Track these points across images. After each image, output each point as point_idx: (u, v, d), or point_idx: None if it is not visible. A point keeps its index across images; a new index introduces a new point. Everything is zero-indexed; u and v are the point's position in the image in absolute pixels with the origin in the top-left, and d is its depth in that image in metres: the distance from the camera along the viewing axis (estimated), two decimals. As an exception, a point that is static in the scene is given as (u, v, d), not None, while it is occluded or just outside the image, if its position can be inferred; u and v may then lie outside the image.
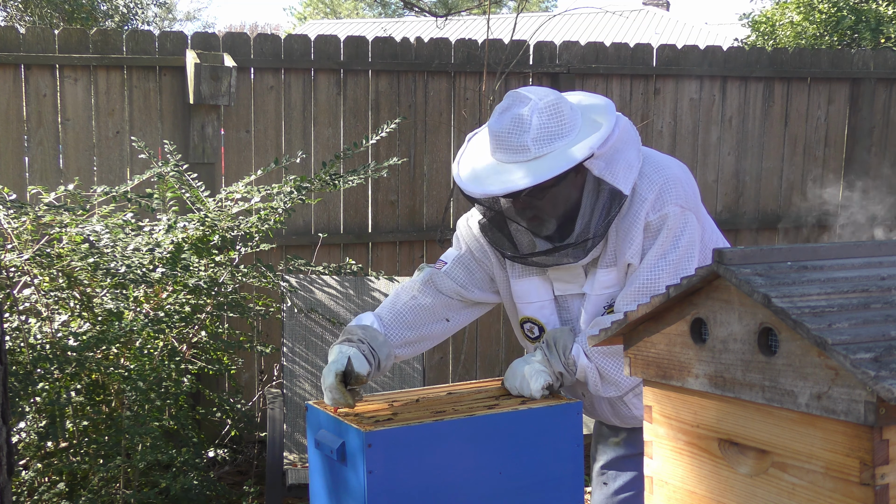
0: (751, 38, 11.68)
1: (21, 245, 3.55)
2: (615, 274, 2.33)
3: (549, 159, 2.21)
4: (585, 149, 2.19)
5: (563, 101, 2.26)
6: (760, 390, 1.31)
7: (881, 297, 1.30)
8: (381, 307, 2.52)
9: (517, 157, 2.23)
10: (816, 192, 5.98)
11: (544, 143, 2.22)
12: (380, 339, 2.40)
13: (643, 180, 2.29)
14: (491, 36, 5.19)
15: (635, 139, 2.32)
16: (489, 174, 2.26)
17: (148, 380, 3.46)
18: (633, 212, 2.28)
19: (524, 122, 2.22)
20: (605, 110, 2.30)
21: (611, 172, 2.24)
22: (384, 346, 2.40)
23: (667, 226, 2.26)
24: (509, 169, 2.23)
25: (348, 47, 5.00)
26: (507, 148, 2.24)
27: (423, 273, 2.54)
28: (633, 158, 2.28)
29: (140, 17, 19.09)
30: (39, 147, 4.56)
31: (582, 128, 2.26)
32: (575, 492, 2.25)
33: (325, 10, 33.42)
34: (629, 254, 2.28)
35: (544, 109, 2.23)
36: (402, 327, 2.47)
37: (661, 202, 2.27)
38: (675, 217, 2.26)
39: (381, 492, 2.04)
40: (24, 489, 3.49)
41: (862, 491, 1.21)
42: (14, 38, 4.49)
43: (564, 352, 2.30)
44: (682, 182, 2.32)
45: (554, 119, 2.23)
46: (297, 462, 3.81)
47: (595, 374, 2.30)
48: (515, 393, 2.34)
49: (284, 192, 3.94)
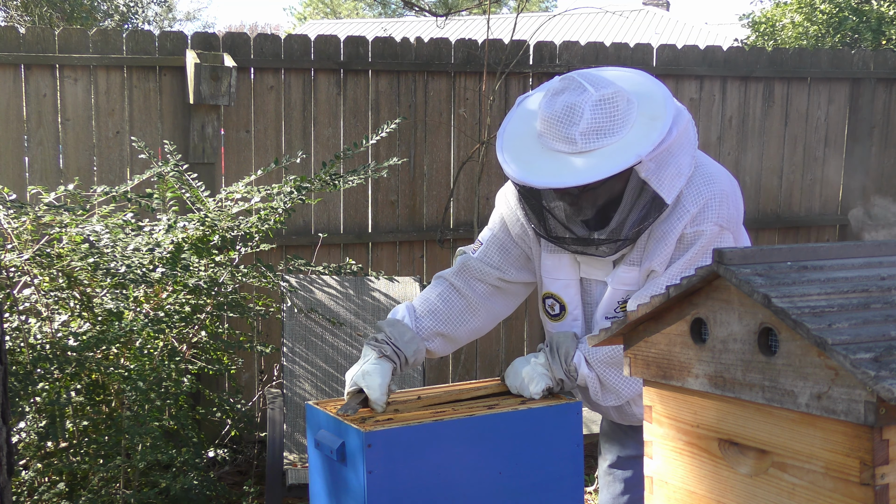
0: (751, 39, 11.68)
1: (21, 245, 3.55)
2: (636, 274, 2.28)
3: (595, 157, 2.13)
4: (633, 155, 2.11)
5: (619, 95, 2.17)
6: (760, 390, 1.31)
7: (881, 297, 1.30)
8: (416, 298, 2.48)
9: (562, 146, 2.16)
10: (816, 192, 5.98)
11: (593, 138, 2.14)
12: (407, 335, 2.36)
13: (690, 190, 2.21)
14: (491, 36, 5.19)
15: (692, 143, 2.23)
16: (530, 160, 2.20)
17: (148, 380, 3.46)
18: (671, 220, 2.21)
19: (575, 113, 2.14)
20: (663, 106, 2.19)
21: (657, 178, 2.16)
22: (412, 342, 2.36)
23: (700, 242, 2.20)
24: (552, 157, 2.17)
25: (348, 47, 5.00)
26: (553, 135, 2.17)
27: (458, 260, 2.50)
28: (685, 165, 2.19)
29: (140, 16, 19.09)
30: (39, 147, 4.56)
31: (636, 124, 2.16)
32: (575, 492, 2.25)
33: (325, 10, 33.42)
34: (656, 261, 2.24)
35: (598, 103, 2.14)
36: (434, 320, 2.43)
37: (702, 217, 2.20)
38: (711, 235, 2.20)
39: (381, 492, 2.04)
40: (24, 489, 3.49)
41: (862, 491, 1.21)
42: (14, 38, 4.49)
43: (566, 359, 2.28)
44: (728, 200, 2.25)
45: (607, 114, 2.14)
46: (297, 462, 3.81)
47: (596, 382, 2.28)
48: (515, 392, 2.33)
49: (284, 192, 3.94)
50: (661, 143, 2.13)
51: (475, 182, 5.22)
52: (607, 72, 2.33)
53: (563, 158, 2.16)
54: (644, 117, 2.17)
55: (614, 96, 2.16)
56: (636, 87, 2.26)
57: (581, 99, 2.15)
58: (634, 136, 2.15)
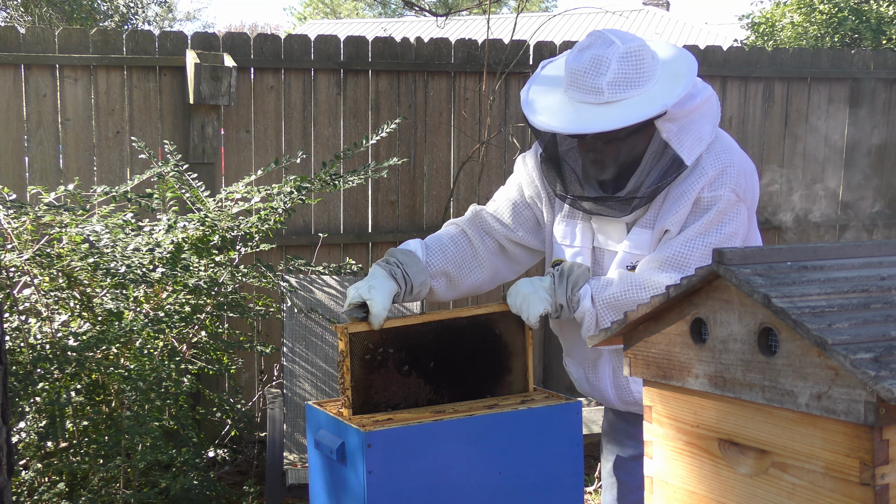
0: (750, 39, 11.68)
1: (21, 245, 3.55)
2: (649, 236, 2.29)
3: (621, 107, 2.18)
4: (659, 105, 2.16)
5: (645, 49, 2.22)
6: (760, 390, 1.31)
7: (881, 297, 1.30)
8: (428, 237, 2.52)
9: (589, 97, 2.21)
10: (816, 192, 5.98)
11: (619, 89, 2.19)
12: (418, 265, 2.39)
13: (710, 155, 2.25)
14: (491, 36, 5.19)
15: (715, 114, 2.29)
16: (557, 110, 2.25)
17: (148, 380, 3.46)
18: (689, 181, 2.24)
19: (602, 64, 2.19)
20: (686, 69, 2.25)
21: (679, 139, 2.21)
22: (420, 273, 2.39)
23: (717, 207, 2.22)
24: (579, 109, 2.21)
25: (348, 47, 5.00)
26: (580, 87, 2.22)
27: (470, 210, 2.55)
28: (706, 132, 2.24)
29: (140, 16, 19.09)
30: (39, 147, 4.56)
31: (660, 80, 2.22)
32: (575, 492, 2.25)
33: (325, 10, 33.42)
34: (670, 221, 2.24)
35: (626, 55, 2.19)
36: (443, 258, 2.46)
37: (719, 182, 2.22)
38: (728, 202, 2.22)
39: (381, 492, 2.04)
40: (24, 489, 3.49)
41: (862, 491, 1.21)
42: (14, 38, 4.49)
43: (573, 287, 2.26)
44: (746, 174, 2.28)
45: (633, 66, 2.19)
46: (297, 462, 3.81)
47: (593, 320, 2.25)
48: (514, 310, 2.31)
49: (284, 193, 3.93)
50: (684, 102, 2.19)
51: (475, 182, 5.22)
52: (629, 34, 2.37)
53: (589, 108, 2.20)
54: (668, 73, 2.23)
55: (640, 49, 2.21)
56: (657, 47, 2.32)
57: (608, 51, 2.20)
58: (659, 89, 2.20)
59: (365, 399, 2.26)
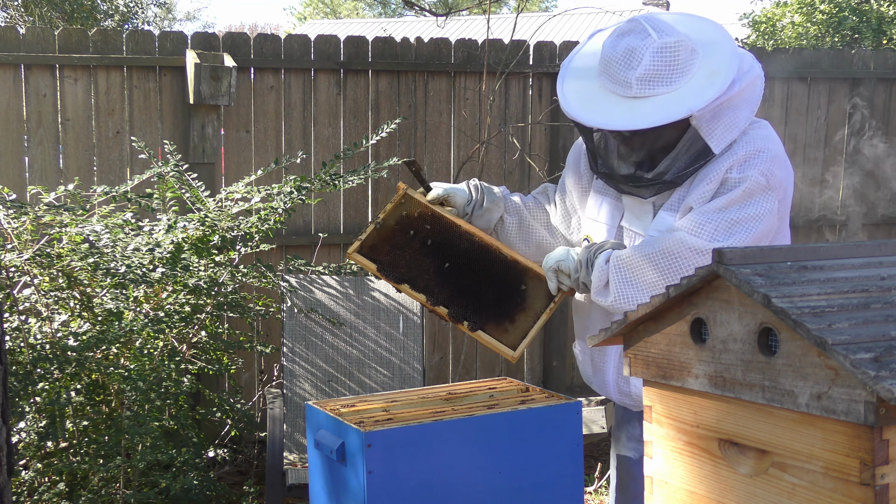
0: (751, 39, 11.67)
1: (21, 245, 3.55)
2: (673, 219, 2.26)
3: (647, 105, 2.15)
4: (685, 109, 2.12)
5: (683, 44, 2.16)
6: (760, 390, 1.31)
7: (881, 297, 1.30)
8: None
9: (618, 89, 2.19)
10: (816, 192, 5.98)
11: (648, 85, 2.16)
12: (495, 193, 2.53)
13: (744, 138, 2.19)
14: (491, 36, 5.19)
15: (754, 99, 2.22)
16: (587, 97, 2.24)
17: (148, 380, 3.46)
18: (717, 163, 2.19)
19: (634, 57, 2.15)
20: (728, 60, 2.17)
21: (709, 128, 2.16)
22: (497, 202, 2.52)
23: (743, 186, 2.15)
24: (606, 100, 2.20)
25: (348, 47, 5.00)
26: (611, 77, 2.20)
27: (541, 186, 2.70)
28: (741, 119, 2.18)
29: (140, 16, 19.09)
30: (39, 147, 4.56)
31: (695, 76, 2.16)
32: (575, 492, 2.25)
33: (325, 10, 33.42)
34: (693, 197, 2.20)
35: (659, 50, 2.15)
36: (519, 202, 2.58)
37: (749, 165, 2.16)
38: (755, 184, 2.15)
39: (381, 492, 2.04)
40: (24, 489, 3.49)
41: (862, 491, 1.21)
42: (14, 38, 4.49)
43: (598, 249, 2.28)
44: (779, 162, 2.21)
45: (666, 62, 2.14)
46: (297, 462, 3.81)
47: (603, 278, 2.26)
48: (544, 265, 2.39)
49: (284, 193, 3.94)
50: (717, 98, 2.13)
51: (475, 182, 5.22)
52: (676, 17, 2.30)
53: (616, 101, 2.19)
54: (706, 70, 2.17)
55: (677, 45, 2.15)
56: (703, 34, 2.24)
57: (643, 44, 2.16)
58: (690, 88, 2.15)
59: (375, 246, 2.46)
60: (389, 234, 2.49)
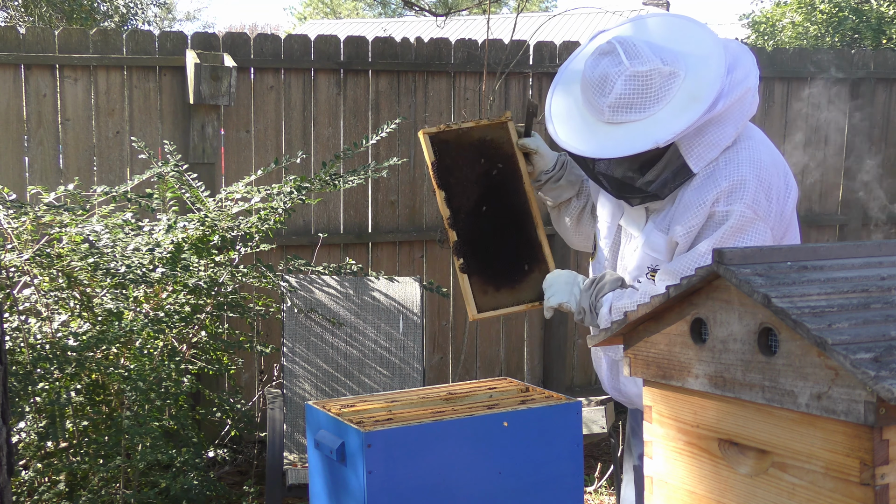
0: (751, 39, 11.68)
1: (21, 245, 3.55)
2: (664, 241, 2.25)
3: (618, 131, 2.16)
4: (650, 142, 2.11)
5: (656, 72, 2.13)
6: (760, 390, 1.31)
7: (881, 297, 1.30)
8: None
9: (594, 113, 2.22)
10: (816, 193, 5.98)
11: (618, 112, 2.16)
12: (576, 174, 2.57)
13: (728, 165, 2.16)
14: (491, 36, 5.19)
15: (743, 114, 2.17)
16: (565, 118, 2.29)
17: (148, 380, 3.46)
18: (700, 191, 2.16)
19: (607, 84, 2.16)
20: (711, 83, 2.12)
21: (688, 146, 2.15)
22: (575, 179, 2.56)
23: (728, 223, 2.13)
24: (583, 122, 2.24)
25: (348, 47, 5.00)
26: (586, 99, 2.24)
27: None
28: (724, 137, 2.15)
29: (140, 17, 19.09)
30: (39, 147, 4.56)
31: (672, 101, 2.13)
32: (575, 492, 2.25)
33: (325, 10, 33.41)
34: (678, 231, 2.19)
35: (631, 78, 2.13)
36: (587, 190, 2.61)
37: (733, 197, 2.13)
38: (741, 218, 2.13)
39: (381, 492, 2.04)
40: (24, 489, 3.49)
41: (862, 491, 1.21)
42: (14, 38, 4.49)
43: (598, 293, 2.31)
44: (766, 187, 2.16)
45: (638, 90, 2.13)
46: (297, 462, 3.81)
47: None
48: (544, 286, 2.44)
49: (284, 193, 3.94)
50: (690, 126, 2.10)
51: (475, 182, 5.22)
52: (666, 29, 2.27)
53: (590, 124, 2.23)
54: (684, 94, 2.13)
55: (650, 73, 2.13)
56: (694, 47, 2.20)
57: (616, 71, 2.16)
58: (664, 115, 2.13)
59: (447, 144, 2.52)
60: (466, 145, 2.53)
